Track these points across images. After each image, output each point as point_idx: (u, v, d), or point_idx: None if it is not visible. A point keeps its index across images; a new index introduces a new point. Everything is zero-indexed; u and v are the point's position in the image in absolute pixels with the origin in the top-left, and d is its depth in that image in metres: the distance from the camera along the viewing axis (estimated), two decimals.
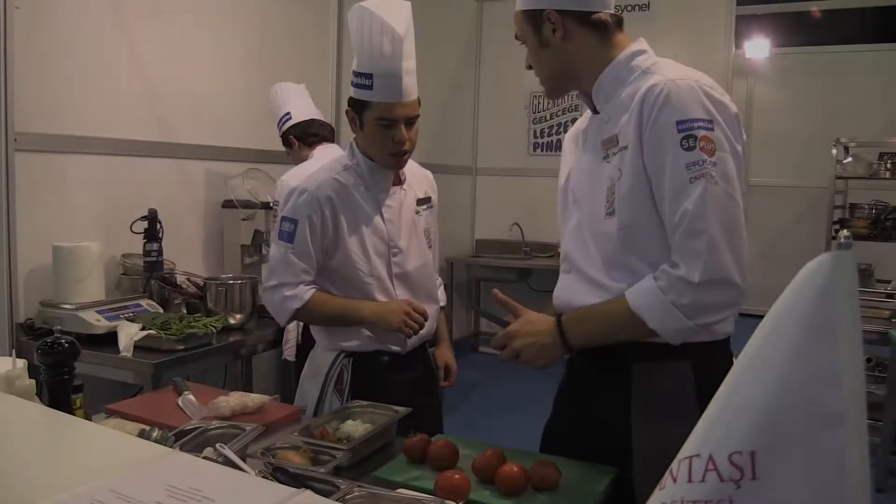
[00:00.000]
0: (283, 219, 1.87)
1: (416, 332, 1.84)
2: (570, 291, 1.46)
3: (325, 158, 2.66)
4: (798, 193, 7.37)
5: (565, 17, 1.39)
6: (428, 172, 2.11)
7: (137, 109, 3.07)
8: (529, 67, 1.50)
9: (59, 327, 1.26)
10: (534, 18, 1.41)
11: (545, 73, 1.47)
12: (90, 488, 0.83)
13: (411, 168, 2.02)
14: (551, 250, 5.91)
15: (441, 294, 2.13)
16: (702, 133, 1.25)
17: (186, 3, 3.27)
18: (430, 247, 2.04)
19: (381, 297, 1.89)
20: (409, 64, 1.78)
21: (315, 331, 2.01)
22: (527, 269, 5.75)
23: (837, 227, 4.05)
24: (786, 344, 0.52)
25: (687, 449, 0.53)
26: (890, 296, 3.99)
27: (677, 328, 1.28)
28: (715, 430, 0.51)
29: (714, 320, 1.29)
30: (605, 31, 1.41)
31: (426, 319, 1.85)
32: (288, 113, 3.14)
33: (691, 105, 1.27)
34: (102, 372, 2.40)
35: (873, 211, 4.04)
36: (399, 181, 1.95)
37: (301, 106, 3.17)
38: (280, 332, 2.94)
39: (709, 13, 5.32)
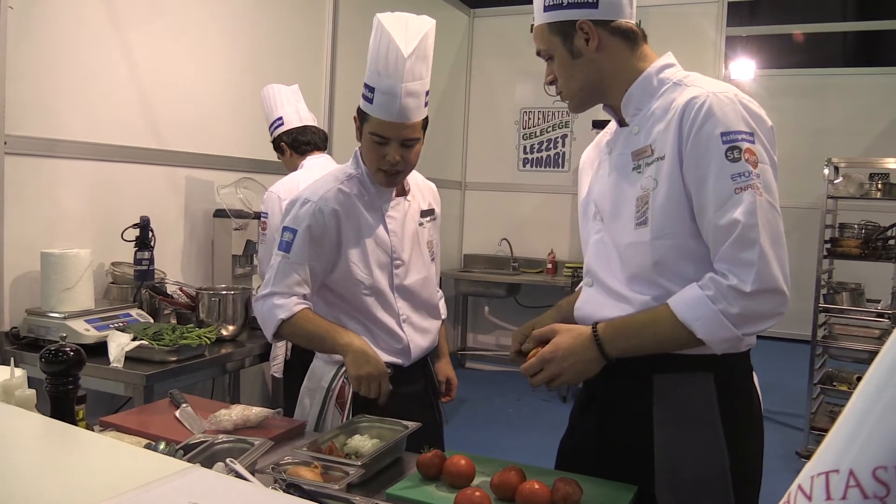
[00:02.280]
0: (284, 228, 1.82)
1: (366, 396, 1.74)
2: (593, 305, 1.45)
3: (315, 169, 2.65)
4: (784, 214, 7.37)
5: (597, 26, 1.37)
6: (432, 184, 2.08)
7: (130, 115, 3.01)
8: (552, 83, 1.47)
9: (64, 335, 1.20)
10: (563, 30, 1.39)
11: (575, 85, 1.43)
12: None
13: (415, 179, 1.99)
14: (539, 266, 5.91)
15: (442, 306, 2.10)
16: (745, 145, 1.27)
17: (180, 9, 3.23)
18: (432, 259, 2.00)
19: (379, 310, 1.85)
20: (412, 86, 1.72)
21: None
22: (515, 284, 5.73)
23: (829, 246, 4.07)
24: None
25: (821, 463, 0.49)
26: (880, 315, 4.01)
27: (726, 337, 1.28)
28: (854, 443, 0.48)
29: (761, 329, 1.30)
30: (634, 40, 1.41)
31: (383, 398, 1.75)
32: (280, 118, 3.02)
33: (734, 118, 1.28)
34: (91, 383, 2.30)
35: (863, 231, 4.07)
36: (403, 192, 1.92)
37: (294, 111, 3.04)
38: (268, 345, 2.87)
39: (699, 33, 5.38)
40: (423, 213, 1.97)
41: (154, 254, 2.84)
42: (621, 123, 1.46)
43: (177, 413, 1.72)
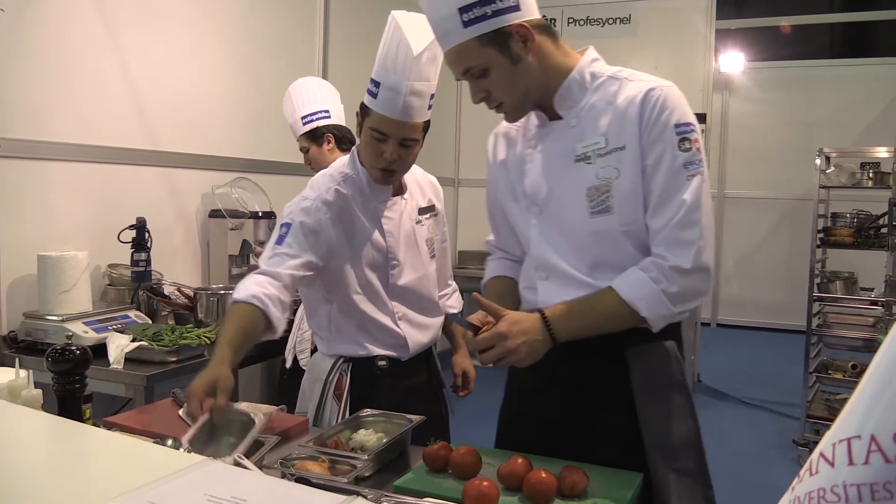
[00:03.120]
0: (281, 224, 1.79)
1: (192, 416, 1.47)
2: (558, 297, 1.45)
3: None
4: (774, 205, 7.50)
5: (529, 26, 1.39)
6: (432, 178, 2.06)
7: (123, 117, 3.00)
8: (482, 100, 1.44)
9: (72, 333, 1.20)
10: (497, 39, 1.36)
11: (519, 92, 1.42)
12: (126, 499, 0.78)
13: (414, 175, 1.98)
14: None
15: (455, 300, 2.10)
16: (694, 136, 1.39)
17: (173, 10, 3.22)
18: (433, 256, 1.98)
19: (373, 309, 1.84)
20: (419, 85, 1.71)
21: (315, 337, 1.97)
22: None
23: (822, 235, 4.10)
24: None
25: (842, 430, 0.51)
26: (874, 303, 4.04)
27: (665, 315, 1.38)
28: (876, 409, 0.49)
29: (692, 306, 1.41)
30: (555, 35, 1.45)
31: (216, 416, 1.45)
32: (326, 110, 2.91)
33: (686, 110, 1.39)
34: (91, 385, 2.25)
35: (855, 220, 4.10)
36: (400, 191, 1.91)
37: (339, 109, 2.97)
38: (267, 343, 2.81)
39: (689, 27, 5.40)
40: (422, 210, 1.96)
41: (151, 255, 2.84)
42: (551, 118, 1.48)
43: (180, 412, 1.71)
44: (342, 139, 2.89)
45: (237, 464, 1.18)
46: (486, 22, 1.35)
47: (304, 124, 2.89)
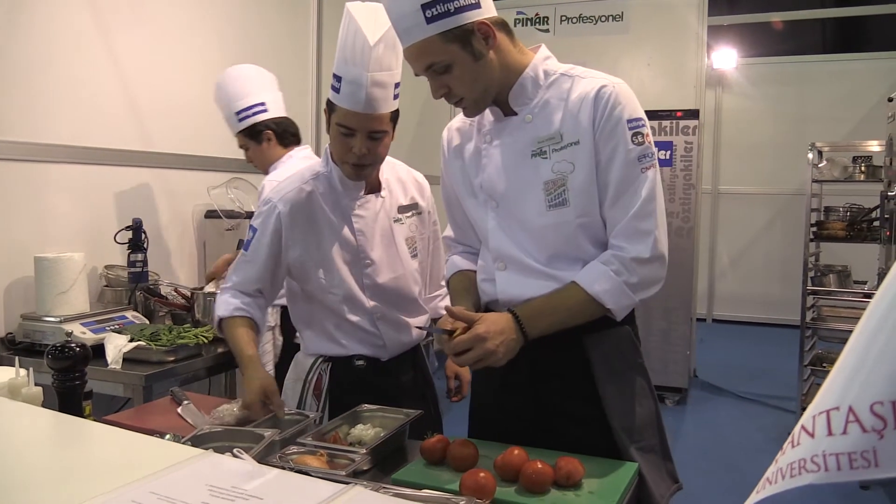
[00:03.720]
0: (249, 227, 1.86)
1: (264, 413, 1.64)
2: (517, 287, 1.51)
3: (308, 161, 2.47)
4: (768, 200, 7.53)
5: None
6: (418, 175, 2.03)
7: (118, 118, 3.00)
8: (443, 96, 1.47)
9: (71, 331, 1.21)
10: (460, 36, 1.39)
11: (479, 87, 1.45)
12: (129, 490, 0.79)
13: (397, 172, 1.96)
14: None
15: (447, 302, 2.10)
16: (645, 130, 1.45)
17: (166, 11, 3.23)
18: (414, 255, 1.95)
19: (349, 309, 1.84)
20: (380, 76, 1.68)
21: (299, 335, 1.98)
22: None
23: (815, 229, 4.12)
24: None
25: (822, 403, 0.53)
26: (867, 296, 4.07)
27: (627, 304, 1.45)
28: (853, 383, 0.51)
29: (650, 294, 1.47)
30: (512, 33, 1.49)
31: (279, 412, 1.65)
32: (262, 103, 2.70)
33: (636, 105, 1.45)
34: (90, 385, 2.31)
35: (848, 213, 4.12)
36: (376, 188, 1.88)
37: (277, 98, 2.76)
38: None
39: (681, 23, 5.41)
40: (402, 209, 1.93)
41: (147, 256, 2.85)
42: (504, 114, 1.52)
43: (179, 410, 1.73)
44: (283, 134, 2.71)
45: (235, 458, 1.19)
46: (449, 19, 1.37)
47: (240, 121, 2.70)
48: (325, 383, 1.86)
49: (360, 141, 1.72)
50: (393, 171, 1.94)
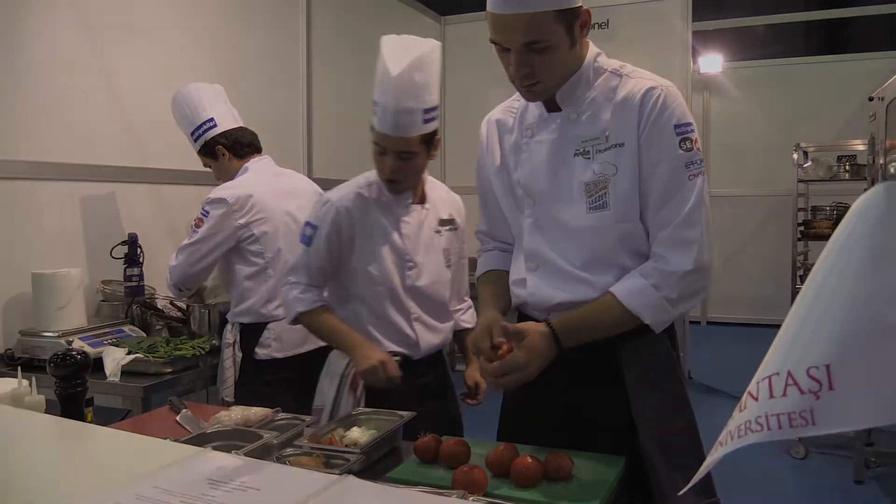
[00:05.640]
0: (307, 223, 2.00)
1: (385, 381, 1.85)
2: (548, 290, 1.48)
3: (264, 173, 2.63)
4: (757, 202, 7.59)
5: None
6: (457, 197, 2.19)
7: (112, 134, 3.05)
8: (524, 76, 1.39)
9: (71, 339, 1.24)
10: (568, 16, 1.35)
11: (560, 75, 1.41)
12: (132, 485, 0.83)
13: (438, 191, 2.12)
14: None
15: (470, 315, 2.21)
16: (693, 136, 1.39)
17: (158, 27, 3.27)
18: (448, 266, 2.09)
19: (390, 306, 1.97)
20: (405, 104, 1.83)
21: None
22: None
23: (802, 228, 4.18)
24: (853, 268, 0.58)
25: (765, 370, 0.58)
26: None
27: (666, 319, 1.42)
28: (792, 350, 0.56)
29: (690, 307, 1.44)
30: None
31: (395, 380, 1.86)
32: (211, 119, 2.69)
33: (684, 109, 1.40)
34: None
35: (835, 212, 4.18)
36: (422, 201, 2.04)
37: (226, 111, 2.75)
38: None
39: (666, 29, 5.48)
40: (442, 222, 2.09)
41: (143, 270, 2.88)
42: (550, 109, 1.48)
43: (178, 418, 1.76)
44: (234, 146, 2.68)
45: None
46: None
47: (195, 141, 2.72)
48: (361, 380, 1.93)
49: (391, 160, 1.90)
50: (435, 190, 2.11)
